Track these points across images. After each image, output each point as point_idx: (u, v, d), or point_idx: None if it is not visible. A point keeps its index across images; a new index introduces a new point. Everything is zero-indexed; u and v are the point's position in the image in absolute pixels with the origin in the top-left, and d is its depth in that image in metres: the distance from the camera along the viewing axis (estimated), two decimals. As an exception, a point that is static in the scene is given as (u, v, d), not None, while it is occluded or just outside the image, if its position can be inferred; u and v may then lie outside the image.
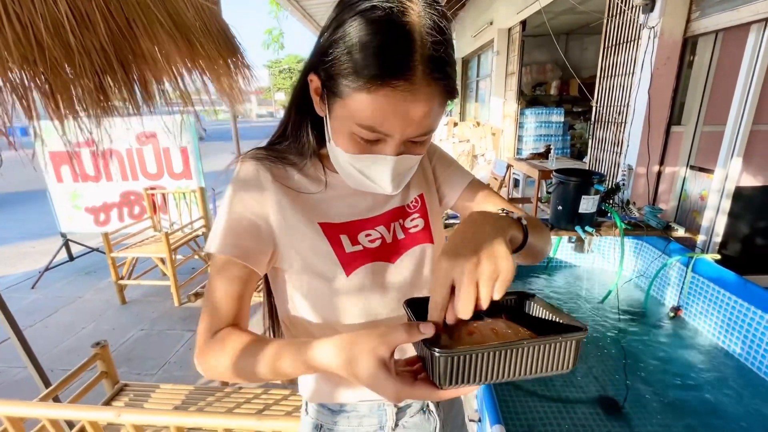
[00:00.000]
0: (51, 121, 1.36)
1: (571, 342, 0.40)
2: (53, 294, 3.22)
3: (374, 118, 0.45)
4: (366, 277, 0.58)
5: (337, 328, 0.60)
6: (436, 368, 0.38)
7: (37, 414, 0.82)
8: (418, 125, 0.47)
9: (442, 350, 0.37)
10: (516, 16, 5.17)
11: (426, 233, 0.65)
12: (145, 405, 1.31)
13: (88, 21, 1.39)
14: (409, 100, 0.44)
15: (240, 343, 0.51)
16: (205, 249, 0.56)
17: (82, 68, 1.29)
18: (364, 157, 0.51)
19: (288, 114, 0.61)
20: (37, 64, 1.19)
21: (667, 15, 2.53)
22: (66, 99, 1.36)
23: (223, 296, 0.54)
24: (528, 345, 0.39)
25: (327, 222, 0.59)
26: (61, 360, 2.35)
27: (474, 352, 0.37)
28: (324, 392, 0.64)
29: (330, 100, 0.49)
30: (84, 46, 1.30)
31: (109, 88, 1.47)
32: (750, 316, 1.77)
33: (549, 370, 0.40)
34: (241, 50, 2.50)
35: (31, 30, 1.16)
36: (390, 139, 0.48)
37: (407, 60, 0.42)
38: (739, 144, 2.33)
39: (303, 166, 0.61)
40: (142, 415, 0.79)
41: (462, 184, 0.69)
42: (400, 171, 0.53)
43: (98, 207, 3.47)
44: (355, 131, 0.48)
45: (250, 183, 0.57)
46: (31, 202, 6.32)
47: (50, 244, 4.12)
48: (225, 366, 0.51)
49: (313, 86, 0.53)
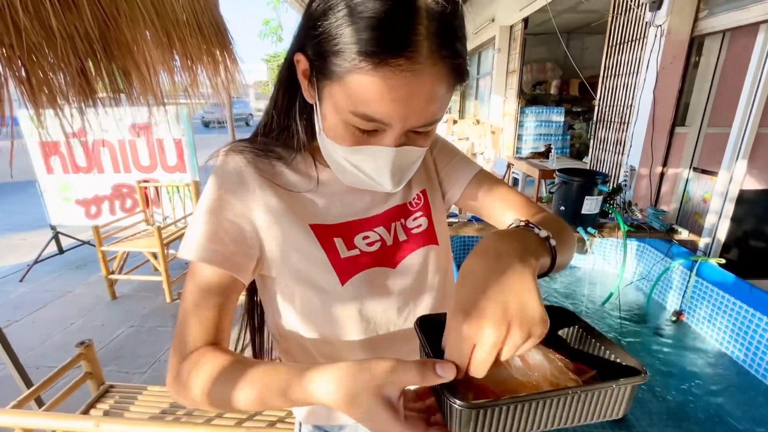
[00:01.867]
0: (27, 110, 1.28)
1: (626, 388, 0.32)
2: (42, 288, 3.14)
3: (370, 105, 0.38)
4: (364, 286, 0.52)
5: (333, 342, 0.54)
6: (456, 421, 0.31)
7: (9, 423, 0.76)
8: (422, 113, 0.40)
9: (464, 404, 0.30)
10: (518, 13, 5.11)
11: (430, 234, 0.58)
12: (131, 408, 1.25)
13: (71, 3, 1.32)
14: (412, 83, 0.37)
15: (218, 366, 0.43)
16: (179, 254, 0.48)
17: (64, 54, 1.21)
18: (360, 150, 0.44)
19: (273, 101, 0.53)
20: (14, 49, 1.12)
21: (674, 13, 2.49)
22: (45, 87, 1.28)
23: (201, 310, 0.47)
24: (573, 394, 0.32)
25: (319, 224, 0.52)
26: (47, 356, 2.28)
27: (505, 405, 0.31)
28: (321, 414, 0.59)
29: (320, 84, 0.42)
30: (66, 30, 1.22)
31: (91, 75, 1.39)
32: (755, 322, 1.74)
33: (593, 419, 0.33)
34: (233, 44, 2.44)
35: (8, 12, 1.08)
36: (389, 130, 0.41)
37: (410, 34, 0.36)
38: (744, 146, 2.30)
39: (291, 160, 0.53)
40: (121, 425, 0.73)
41: (467, 177, 0.61)
42: (402, 166, 0.46)
43: (89, 199, 3.39)
44: (348, 120, 0.41)
45: (232, 179, 0.50)
46: (20, 192, 6.20)
47: (39, 236, 4.03)
48: (200, 393, 0.43)
49: (300, 68, 0.45)
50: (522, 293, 0.33)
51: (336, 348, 0.54)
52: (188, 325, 0.47)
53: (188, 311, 0.47)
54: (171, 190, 3.25)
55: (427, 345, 0.38)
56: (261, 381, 0.41)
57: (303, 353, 0.55)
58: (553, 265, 0.42)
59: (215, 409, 0.46)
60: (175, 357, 0.47)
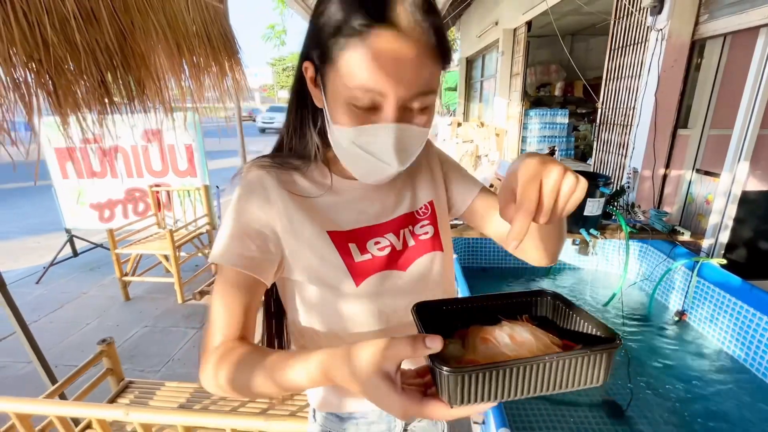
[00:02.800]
0: (53, 116, 1.36)
1: (602, 355, 0.35)
2: (58, 289, 3.23)
3: (364, 74, 0.44)
4: (376, 286, 0.57)
5: (346, 339, 0.59)
6: (445, 387, 0.35)
7: (46, 411, 0.82)
8: (411, 80, 0.45)
9: (451, 369, 0.33)
10: (522, 16, 5.16)
11: (436, 241, 0.63)
12: (150, 403, 1.31)
13: (93, 18, 1.40)
14: (397, 49, 0.43)
15: (241, 356, 0.49)
16: (210, 259, 0.54)
17: (87, 66, 1.29)
18: (365, 129, 0.48)
19: (288, 116, 0.60)
20: (42, 63, 1.19)
21: (675, 17, 2.52)
22: (69, 97, 1.36)
23: (229, 308, 0.52)
24: (549, 360, 0.34)
25: (335, 230, 0.57)
26: (64, 356, 2.36)
27: (487, 370, 0.34)
28: (333, 402, 0.64)
29: (324, 78, 0.49)
30: (89, 44, 1.30)
31: (111, 86, 1.48)
32: (756, 322, 1.76)
33: (575, 385, 0.36)
34: (239, 54, 2.54)
35: (37, 29, 1.16)
36: (385, 102, 0.45)
37: (390, 7, 0.42)
38: (746, 148, 2.32)
39: (307, 170, 0.59)
40: (150, 413, 0.80)
41: (473, 192, 0.68)
42: (405, 143, 0.49)
43: (103, 203, 3.48)
44: (348, 98, 0.46)
45: (255, 191, 0.56)
46: (35, 196, 6.34)
47: (54, 239, 4.14)
48: (225, 380, 0.48)
49: (308, 75, 0.52)
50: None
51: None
52: (216, 321, 0.52)
53: (217, 310, 0.53)
54: (182, 194, 3.33)
55: (421, 326, 0.42)
56: (278, 366, 0.45)
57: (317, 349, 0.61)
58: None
59: (239, 395, 0.50)
60: (204, 350, 0.52)
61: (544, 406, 1.65)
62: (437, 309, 0.48)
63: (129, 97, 1.71)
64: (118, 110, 1.66)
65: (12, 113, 1.26)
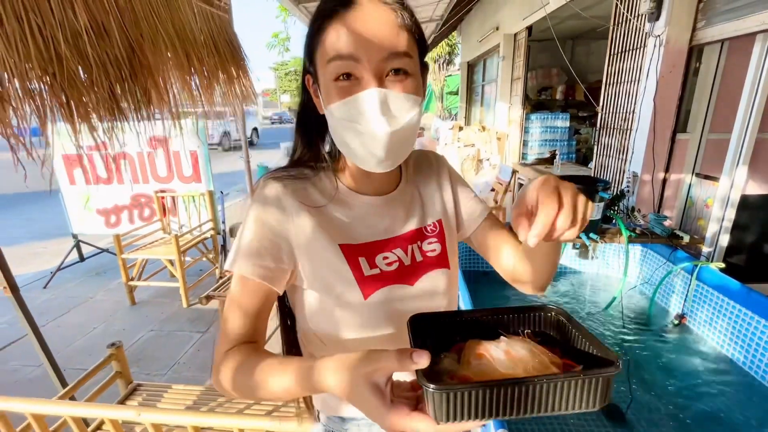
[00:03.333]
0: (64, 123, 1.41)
1: (598, 380, 0.33)
2: (65, 294, 3.28)
3: (337, 45, 0.49)
4: (383, 300, 0.59)
5: (351, 349, 0.61)
6: (431, 403, 0.34)
7: (62, 412, 0.86)
8: (381, 43, 0.48)
9: (436, 386, 0.33)
10: (522, 21, 5.20)
11: (443, 258, 0.65)
12: (159, 405, 1.34)
13: (104, 32, 1.45)
14: (360, 20, 0.48)
15: (246, 359, 0.51)
16: (226, 266, 0.57)
17: (98, 78, 1.34)
18: (352, 101, 0.50)
19: (298, 128, 0.64)
20: (56, 77, 1.24)
21: (672, 24, 2.55)
22: (80, 107, 1.41)
23: (241, 314, 0.55)
24: (540, 382, 0.33)
25: (347, 243, 0.59)
26: (72, 359, 2.40)
27: (473, 389, 0.33)
28: (334, 406, 0.66)
29: (317, 76, 0.54)
30: (100, 57, 1.35)
31: (120, 96, 1.53)
32: (754, 325, 1.78)
33: (568, 408, 0.34)
34: (245, 61, 2.59)
35: (51, 44, 1.21)
36: (362, 69, 0.49)
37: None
38: (744, 152, 2.34)
39: (318, 180, 0.62)
40: (161, 414, 0.83)
41: (480, 217, 0.71)
42: (390, 106, 0.50)
43: (109, 209, 3.54)
44: (331, 75, 0.50)
45: (270, 203, 0.58)
46: (41, 202, 6.42)
47: (61, 244, 4.19)
48: (229, 382, 0.52)
49: (309, 84, 0.57)
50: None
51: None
52: (228, 326, 0.55)
53: (230, 316, 0.56)
54: (187, 200, 3.38)
55: (412, 340, 0.42)
56: (274, 373, 0.48)
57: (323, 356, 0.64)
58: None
59: (243, 396, 0.54)
60: (217, 353, 0.55)
61: (544, 409, 1.67)
62: (437, 321, 0.48)
63: (137, 108, 1.76)
64: (126, 119, 1.71)
65: (27, 122, 1.31)
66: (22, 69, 1.13)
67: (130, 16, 1.61)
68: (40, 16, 1.24)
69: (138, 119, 1.78)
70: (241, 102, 2.73)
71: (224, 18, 2.53)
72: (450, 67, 15.34)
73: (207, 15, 2.30)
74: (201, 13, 2.21)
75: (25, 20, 1.13)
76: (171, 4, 1.91)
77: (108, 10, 1.46)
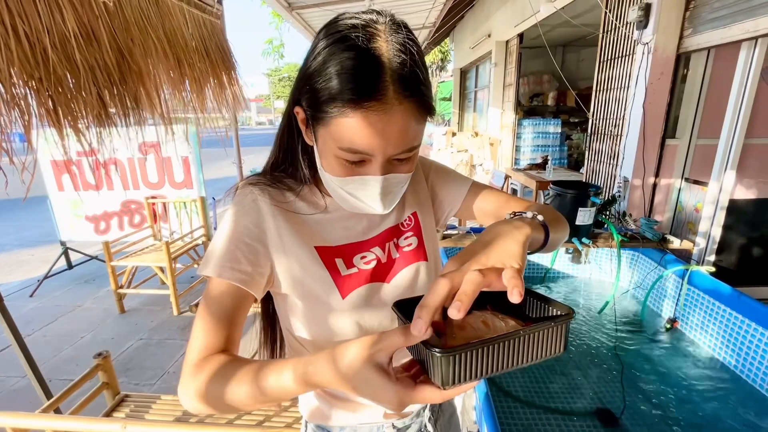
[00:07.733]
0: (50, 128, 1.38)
1: (562, 326, 0.41)
2: (52, 302, 3.22)
3: (354, 140, 0.47)
4: (361, 298, 0.60)
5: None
6: (438, 369, 0.37)
7: (44, 426, 0.83)
8: (397, 143, 0.48)
9: (444, 350, 0.36)
10: (513, 29, 5.26)
11: (420, 251, 0.66)
12: (147, 416, 1.31)
13: (93, 37, 1.43)
14: (384, 120, 0.45)
15: (229, 365, 0.48)
16: (199, 271, 0.55)
17: (86, 84, 1.32)
18: (352, 180, 0.52)
19: (278, 143, 0.63)
20: (42, 81, 1.22)
21: (660, 32, 2.60)
22: (68, 114, 1.39)
23: (216, 321, 0.52)
24: (525, 334, 0.39)
25: (323, 246, 0.60)
26: (59, 369, 2.35)
27: (475, 348, 0.37)
28: (323, 414, 0.65)
29: (315, 129, 0.52)
30: (88, 62, 1.33)
31: (107, 101, 1.51)
32: (744, 329, 1.79)
33: (544, 356, 0.41)
34: (236, 67, 2.59)
35: (38, 48, 1.19)
36: (373, 159, 0.49)
37: (377, 82, 0.45)
38: (732, 157, 2.38)
39: (300, 191, 0.62)
40: (148, 426, 0.81)
41: (462, 191, 0.70)
42: (390, 190, 0.54)
43: (99, 215, 3.49)
44: (339, 155, 0.49)
45: (247, 207, 0.58)
46: (29, 208, 6.31)
47: (49, 251, 4.13)
48: (207, 395, 0.48)
49: (299, 118, 0.55)
50: (507, 241, 0.43)
51: None
52: (201, 335, 0.52)
53: (202, 323, 0.52)
54: (178, 206, 3.35)
55: (404, 319, 0.43)
56: (259, 376, 0.45)
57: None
58: (546, 239, 0.52)
59: (221, 410, 0.49)
60: (186, 365, 0.51)
61: (537, 415, 1.66)
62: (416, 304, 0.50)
63: (125, 114, 1.74)
64: (115, 124, 1.69)
65: (10, 127, 1.28)
66: (6, 74, 1.11)
67: (121, 21, 1.60)
68: (27, 20, 1.22)
69: (127, 125, 1.76)
70: (233, 108, 2.72)
71: (216, 24, 2.53)
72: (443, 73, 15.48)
73: (199, 21, 2.29)
74: (192, 19, 2.20)
75: (10, 24, 1.11)
76: (162, 9, 1.90)
77: (97, 15, 1.45)
